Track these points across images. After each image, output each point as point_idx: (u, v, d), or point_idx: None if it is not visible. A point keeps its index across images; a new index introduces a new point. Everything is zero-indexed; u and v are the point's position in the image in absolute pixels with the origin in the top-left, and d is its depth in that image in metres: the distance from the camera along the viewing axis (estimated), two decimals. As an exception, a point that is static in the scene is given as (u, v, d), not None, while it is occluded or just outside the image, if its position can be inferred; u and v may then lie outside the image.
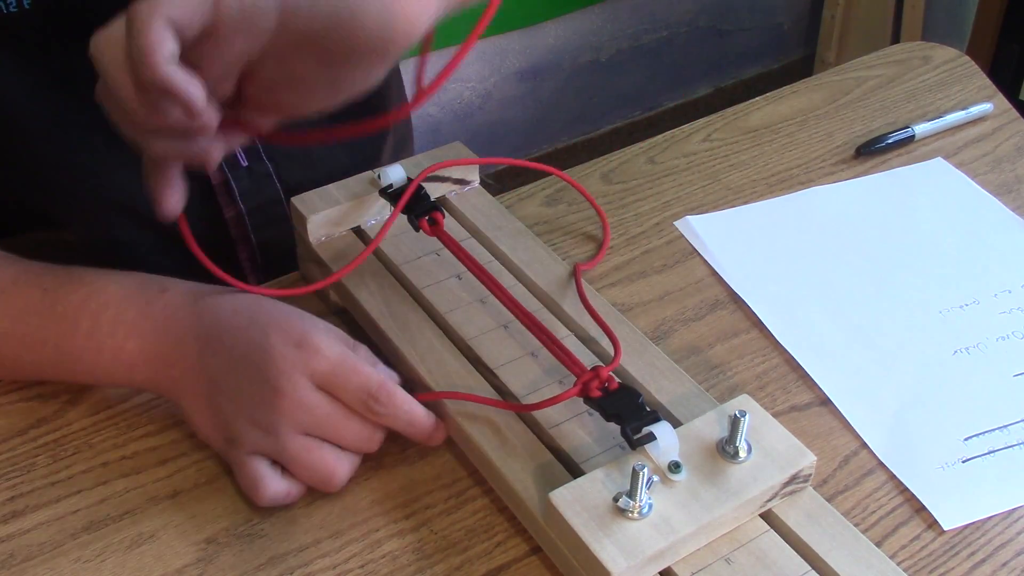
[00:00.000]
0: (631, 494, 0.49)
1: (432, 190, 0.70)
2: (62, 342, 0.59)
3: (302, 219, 0.67)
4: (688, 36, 2.28)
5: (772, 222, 0.77)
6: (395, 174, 0.68)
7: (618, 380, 0.56)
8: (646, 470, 0.49)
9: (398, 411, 0.55)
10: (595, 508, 0.50)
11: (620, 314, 0.64)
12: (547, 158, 2.19)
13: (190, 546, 0.54)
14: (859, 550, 0.50)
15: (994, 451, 0.60)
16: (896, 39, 2.24)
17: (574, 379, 0.55)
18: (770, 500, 0.52)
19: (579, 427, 0.56)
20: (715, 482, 0.51)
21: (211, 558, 0.54)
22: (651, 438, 0.52)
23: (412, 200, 0.67)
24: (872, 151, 0.83)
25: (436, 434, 0.57)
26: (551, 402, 0.55)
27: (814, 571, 0.50)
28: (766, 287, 0.71)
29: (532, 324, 0.60)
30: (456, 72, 0.90)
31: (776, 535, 0.51)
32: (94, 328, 0.58)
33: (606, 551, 0.48)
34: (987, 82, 0.92)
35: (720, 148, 0.85)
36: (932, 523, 0.56)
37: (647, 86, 2.29)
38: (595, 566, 0.48)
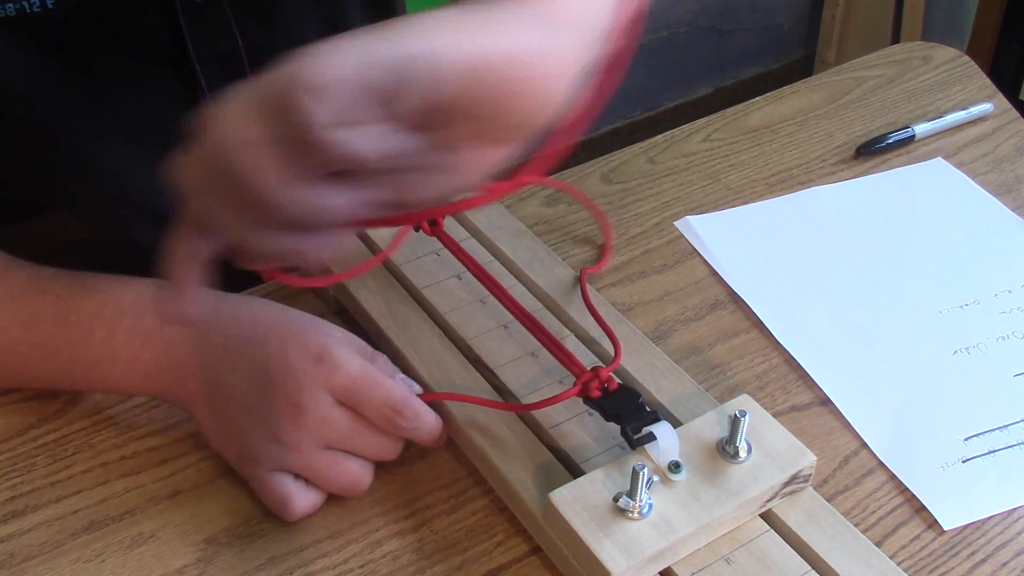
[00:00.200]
0: (631, 494, 0.49)
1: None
2: (75, 351, 0.57)
3: (302, 219, 0.67)
4: (688, 36, 2.28)
5: (772, 222, 0.77)
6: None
7: (618, 380, 0.56)
8: (646, 470, 0.49)
9: (421, 425, 0.55)
10: (595, 508, 0.50)
11: (620, 314, 0.64)
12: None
13: (190, 546, 0.54)
14: (859, 550, 0.50)
15: (994, 451, 0.60)
16: (896, 39, 2.24)
17: (574, 379, 0.55)
18: (770, 500, 0.52)
19: (579, 427, 0.56)
20: (715, 482, 0.51)
21: (211, 558, 0.54)
22: (651, 438, 0.52)
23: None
24: (872, 151, 0.83)
25: (442, 437, 0.57)
26: (550, 402, 0.55)
27: (814, 571, 0.50)
28: (766, 287, 0.71)
29: (532, 324, 0.60)
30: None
31: (776, 535, 0.51)
32: (109, 337, 0.57)
33: (606, 551, 0.48)
34: (987, 82, 0.92)
35: (720, 148, 0.85)
36: (932, 523, 0.56)
37: (647, 86, 2.29)
38: (595, 566, 0.48)
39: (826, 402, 0.63)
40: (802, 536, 0.51)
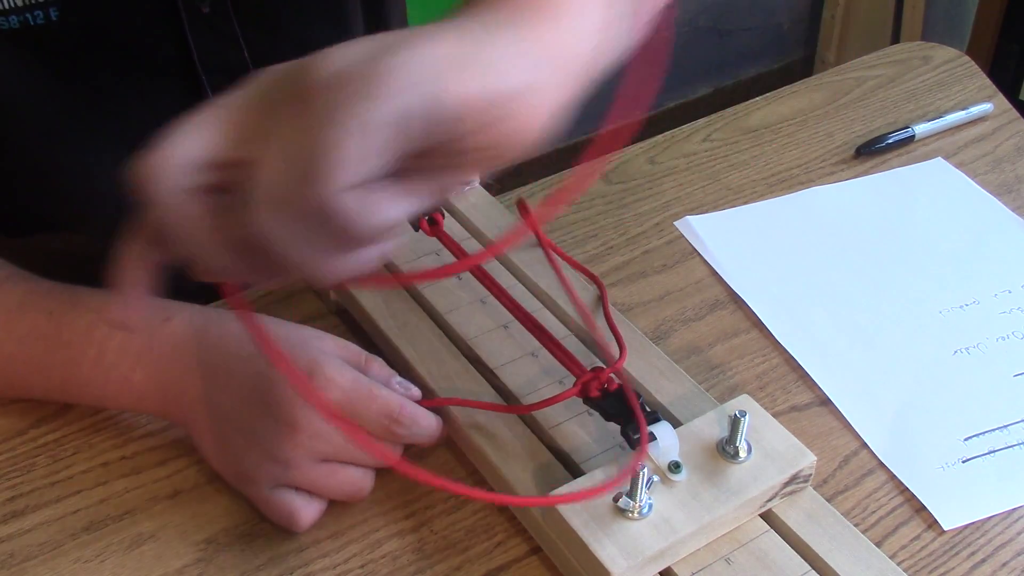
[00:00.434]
0: (631, 494, 0.49)
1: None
2: (69, 369, 0.57)
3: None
4: (688, 36, 2.28)
5: (772, 222, 0.77)
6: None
7: (618, 381, 0.56)
8: (646, 470, 0.49)
9: (419, 429, 0.55)
10: (595, 508, 0.49)
11: (620, 314, 0.64)
12: (547, 158, 2.19)
13: (190, 546, 0.54)
14: (859, 550, 0.50)
15: (994, 451, 0.60)
16: (896, 39, 2.24)
17: (574, 379, 0.55)
18: (770, 500, 0.52)
19: (579, 427, 0.56)
20: (715, 482, 0.51)
21: (211, 558, 0.54)
22: (651, 438, 0.52)
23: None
24: (872, 151, 0.83)
25: (441, 436, 0.57)
26: (549, 402, 0.55)
27: (814, 571, 0.50)
28: (766, 287, 0.71)
29: (531, 325, 0.60)
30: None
31: (776, 535, 0.51)
32: (100, 357, 0.57)
33: (606, 551, 0.48)
34: (987, 82, 0.92)
35: (720, 148, 0.85)
36: (932, 523, 0.56)
37: (647, 86, 2.29)
38: (595, 566, 0.48)
39: (826, 402, 0.63)
40: (802, 536, 0.51)
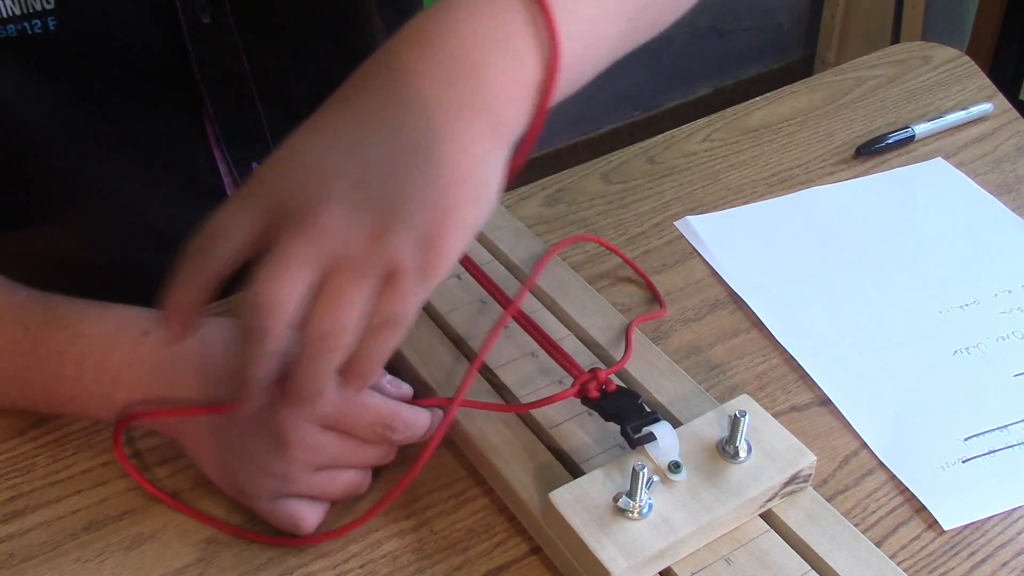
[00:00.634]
0: (631, 494, 0.49)
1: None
2: (49, 385, 0.56)
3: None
4: (688, 36, 2.28)
5: (772, 222, 0.77)
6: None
7: (618, 382, 0.56)
8: (646, 470, 0.49)
9: (415, 431, 0.54)
10: (595, 508, 0.50)
11: (620, 314, 0.64)
12: (547, 158, 2.19)
13: (190, 546, 0.54)
14: (859, 550, 0.50)
15: (994, 451, 0.60)
16: (896, 39, 2.24)
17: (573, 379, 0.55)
18: (770, 500, 0.52)
19: (579, 427, 0.56)
20: (715, 482, 0.51)
21: (211, 558, 0.54)
22: (651, 438, 0.52)
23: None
24: (872, 151, 0.83)
25: (430, 430, 0.56)
26: (547, 401, 0.55)
27: (814, 571, 0.50)
28: (766, 287, 0.71)
29: (530, 326, 0.60)
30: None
31: (776, 535, 0.51)
32: (79, 375, 0.55)
33: (606, 551, 0.48)
34: (987, 82, 0.92)
35: (720, 148, 0.85)
36: (932, 523, 0.56)
37: (647, 86, 2.29)
38: (595, 566, 0.48)
39: (826, 402, 0.63)
40: (802, 536, 0.51)
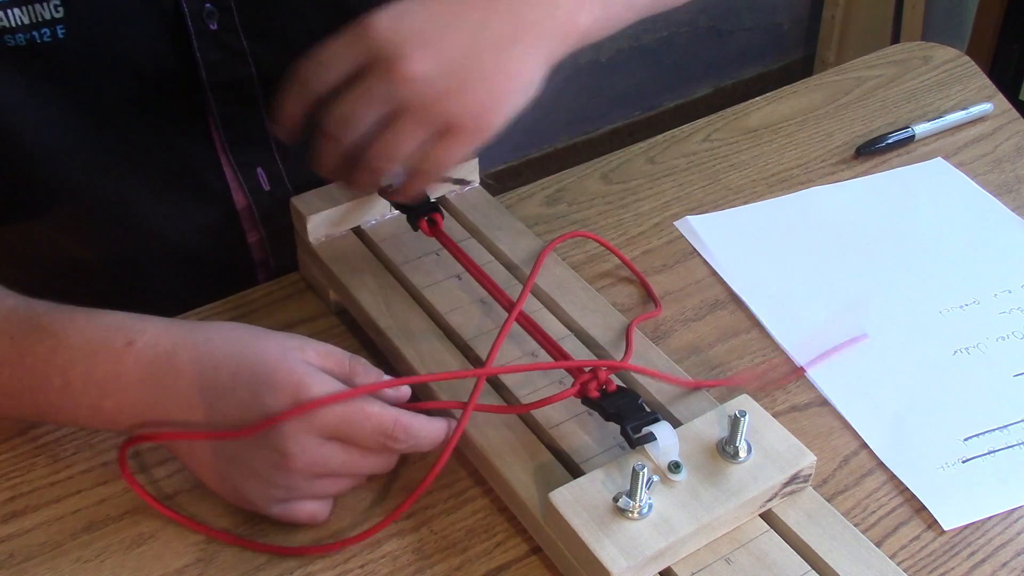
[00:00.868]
0: (631, 494, 0.49)
1: (431, 190, 0.70)
2: (37, 395, 0.54)
3: (302, 219, 0.67)
4: (688, 36, 2.28)
5: (772, 222, 0.77)
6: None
7: (618, 382, 0.56)
8: (646, 470, 0.49)
9: (418, 439, 0.53)
10: (595, 508, 0.50)
11: (620, 314, 0.64)
12: (547, 158, 2.19)
13: (190, 546, 0.54)
14: (859, 550, 0.50)
15: (994, 451, 0.60)
16: (896, 39, 2.24)
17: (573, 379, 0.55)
18: (770, 500, 0.52)
19: (579, 427, 0.56)
20: (715, 482, 0.51)
21: (211, 558, 0.54)
22: (651, 438, 0.52)
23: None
24: (872, 151, 0.83)
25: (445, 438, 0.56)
26: (547, 402, 0.55)
27: (814, 571, 0.50)
28: (766, 287, 0.71)
29: (530, 326, 0.60)
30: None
31: (776, 535, 0.51)
32: (66, 385, 0.53)
33: (606, 551, 0.48)
34: (987, 82, 0.92)
35: (720, 148, 0.85)
36: (932, 523, 0.56)
37: (647, 86, 2.29)
38: (595, 566, 0.48)
39: (826, 402, 0.63)
40: (802, 536, 0.51)
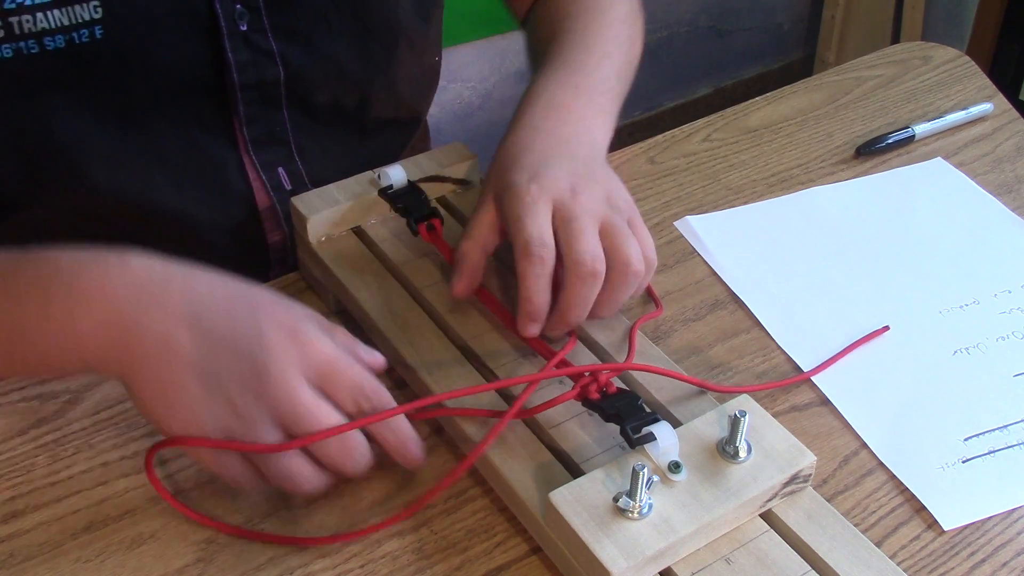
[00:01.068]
0: (631, 494, 0.49)
1: (432, 190, 0.70)
2: (12, 319, 0.52)
3: (302, 219, 0.67)
4: (688, 36, 2.28)
5: (772, 222, 0.77)
6: (395, 174, 0.69)
7: (619, 384, 0.56)
8: (646, 470, 0.49)
9: (393, 431, 0.53)
10: (595, 508, 0.50)
11: (620, 314, 0.64)
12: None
13: (190, 546, 0.54)
14: (859, 550, 0.50)
15: (994, 451, 0.60)
16: (896, 39, 2.24)
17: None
18: (770, 500, 0.52)
19: (579, 427, 0.56)
20: (715, 482, 0.51)
21: (211, 558, 0.54)
22: (651, 438, 0.52)
23: (412, 202, 0.68)
24: (872, 151, 0.83)
25: (418, 461, 0.55)
26: (548, 405, 0.55)
27: (814, 571, 0.50)
28: (766, 287, 0.71)
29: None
30: (456, 72, 0.90)
31: (776, 535, 0.51)
32: (43, 299, 0.52)
33: (606, 551, 0.48)
34: (987, 82, 0.92)
35: (720, 148, 0.85)
36: (932, 523, 0.56)
37: (647, 86, 2.29)
38: (595, 566, 0.48)
39: (826, 402, 0.63)
40: (802, 536, 0.51)
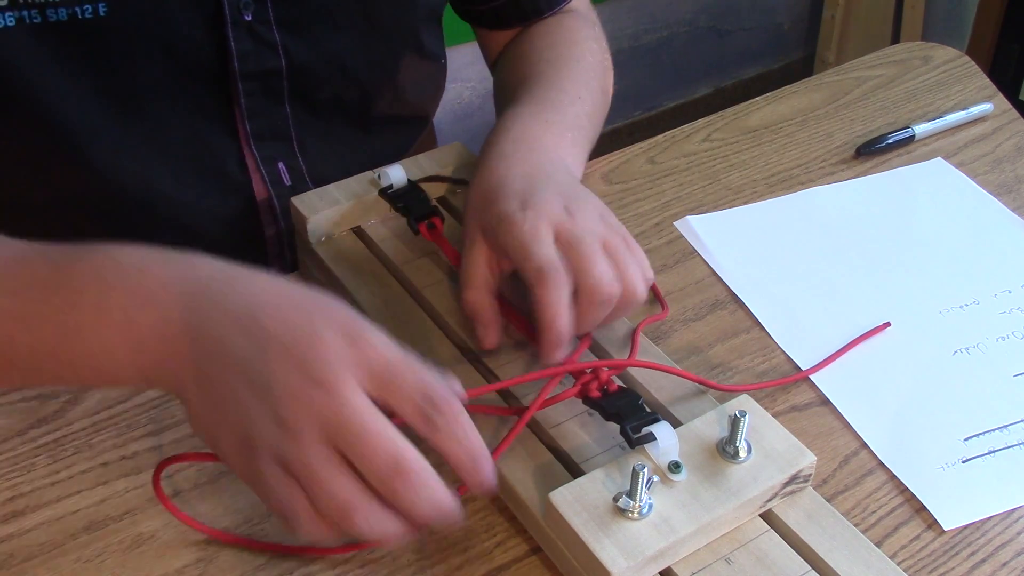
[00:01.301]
0: (631, 494, 0.49)
1: (432, 190, 0.70)
2: (63, 317, 0.50)
3: (302, 219, 0.67)
4: (688, 36, 2.28)
5: (772, 222, 0.77)
6: (395, 174, 0.69)
7: (619, 383, 0.56)
8: (646, 470, 0.49)
9: (458, 429, 0.47)
10: (595, 508, 0.50)
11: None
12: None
13: (190, 546, 0.54)
14: (859, 550, 0.50)
15: (994, 451, 0.60)
16: (896, 39, 2.24)
17: (574, 379, 0.55)
18: (770, 500, 0.52)
19: (579, 427, 0.56)
20: (715, 482, 0.51)
21: (211, 558, 0.54)
22: (651, 438, 0.52)
23: (412, 202, 0.68)
24: (872, 151, 0.83)
25: (490, 485, 0.49)
26: (549, 402, 0.55)
27: (814, 571, 0.50)
28: (766, 287, 0.71)
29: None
30: (456, 72, 0.90)
31: (776, 535, 0.51)
32: (102, 297, 0.49)
33: (606, 551, 0.48)
34: (987, 82, 0.92)
35: (720, 148, 0.85)
36: (932, 523, 0.56)
37: (647, 86, 2.29)
38: (595, 566, 0.48)
39: (826, 402, 0.63)
40: (802, 536, 0.51)
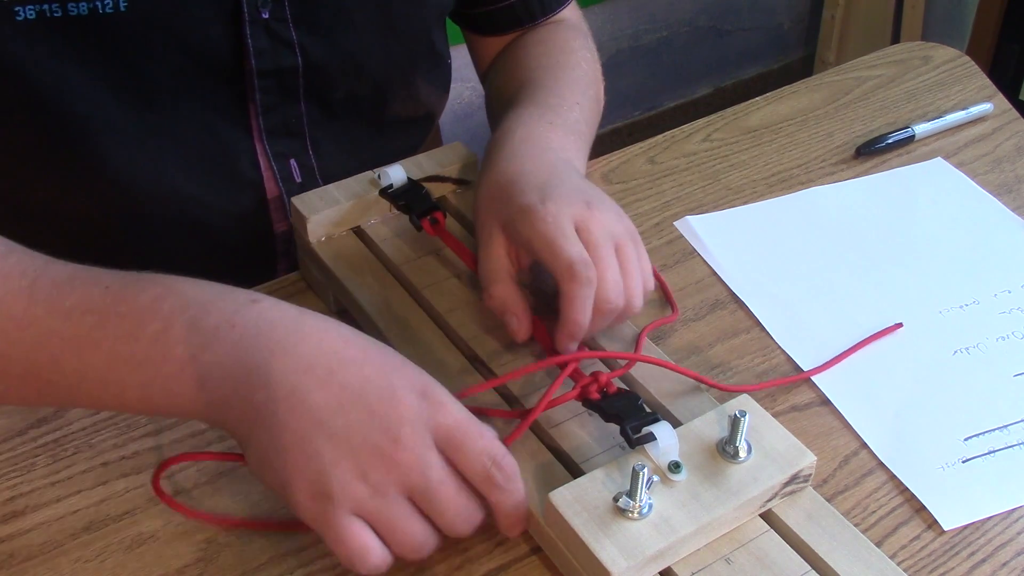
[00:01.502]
0: (631, 494, 0.49)
1: (433, 190, 0.70)
2: (119, 346, 0.49)
3: (302, 219, 0.67)
4: (688, 36, 2.28)
5: (772, 222, 0.77)
6: (395, 174, 0.69)
7: (618, 384, 0.56)
8: (646, 470, 0.49)
9: (514, 488, 0.50)
10: (595, 508, 0.50)
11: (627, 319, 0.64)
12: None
13: (190, 546, 0.54)
14: (859, 550, 0.50)
15: (994, 451, 0.60)
16: (896, 39, 2.24)
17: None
18: (770, 500, 0.52)
19: (579, 427, 0.56)
20: (715, 482, 0.51)
21: (211, 558, 0.54)
22: (651, 438, 0.52)
23: (413, 199, 0.68)
24: (872, 151, 0.83)
25: (522, 520, 0.52)
26: (549, 405, 0.55)
27: (814, 571, 0.50)
28: (766, 287, 0.71)
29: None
30: (456, 72, 0.90)
31: (776, 535, 0.51)
32: (163, 332, 0.49)
33: (606, 551, 0.48)
34: (987, 82, 0.92)
35: (720, 148, 0.85)
36: (932, 523, 0.56)
37: (647, 86, 2.29)
38: (595, 566, 0.48)
39: (826, 402, 0.63)
40: (802, 536, 0.51)
